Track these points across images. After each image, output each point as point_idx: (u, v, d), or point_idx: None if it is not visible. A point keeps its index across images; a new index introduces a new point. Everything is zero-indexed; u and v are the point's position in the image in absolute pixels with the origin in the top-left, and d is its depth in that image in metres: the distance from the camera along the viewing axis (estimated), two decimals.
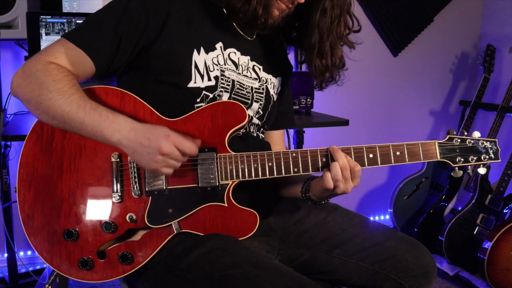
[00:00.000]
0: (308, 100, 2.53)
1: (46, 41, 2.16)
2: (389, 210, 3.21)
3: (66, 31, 2.18)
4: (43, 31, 2.16)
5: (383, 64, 3.35)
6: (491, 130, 2.88)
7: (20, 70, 1.18)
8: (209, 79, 1.27)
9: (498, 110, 2.88)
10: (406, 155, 1.25)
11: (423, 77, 3.47)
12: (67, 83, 1.15)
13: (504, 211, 2.83)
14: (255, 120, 1.38)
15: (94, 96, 1.21)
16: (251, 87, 1.36)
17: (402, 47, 3.36)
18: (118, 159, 1.20)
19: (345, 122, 2.45)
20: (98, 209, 1.20)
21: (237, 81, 1.33)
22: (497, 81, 3.29)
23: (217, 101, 1.25)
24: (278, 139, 1.55)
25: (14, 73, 1.19)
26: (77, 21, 2.22)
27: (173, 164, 1.13)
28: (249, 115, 1.34)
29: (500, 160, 1.31)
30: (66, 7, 2.33)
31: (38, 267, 2.72)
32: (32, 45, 2.15)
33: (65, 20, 2.20)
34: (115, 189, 1.19)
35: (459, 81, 3.58)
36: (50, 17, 2.17)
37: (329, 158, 1.23)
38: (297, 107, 2.51)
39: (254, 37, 1.39)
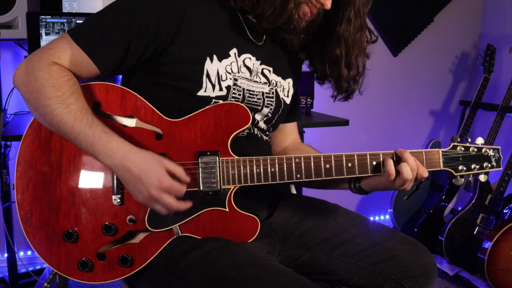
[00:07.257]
0: (308, 100, 2.52)
1: (46, 41, 2.15)
2: (389, 210, 3.20)
3: (66, 31, 2.18)
4: (43, 31, 2.16)
5: (383, 64, 3.35)
6: (491, 130, 2.88)
7: (23, 65, 1.14)
8: (220, 89, 1.24)
9: (498, 110, 2.88)
10: None
11: (423, 77, 3.47)
12: (67, 90, 1.11)
13: (504, 211, 2.83)
14: (261, 125, 1.35)
15: (94, 94, 1.18)
16: (262, 92, 1.32)
17: (402, 47, 3.35)
18: None
19: (345, 122, 2.45)
20: (98, 211, 1.18)
21: (247, 90, 1.29)
22: (497, 81, 3.29)
23: (220, 102, 1.22)
24: (294, 130, 1.54)
25: (14, 73, 1.15)
26: (77, 21, 2.21)
27: (160, 210, 1.13)
28: (255, 119, 1.32)
29: (501, 168, 1.31)
30: (66, 7, 2.33)
31: (38, 267, 2.71)
32: (32, 45, 2.15)
33: (65, 20, 2.19)
34: (115, 191, 1.17)
35: (459, 81, 3.58)
36: (50, 17, 2.17)
37: (332, 164, 1.19)
38: None
39: (262, 42, 1.32)
